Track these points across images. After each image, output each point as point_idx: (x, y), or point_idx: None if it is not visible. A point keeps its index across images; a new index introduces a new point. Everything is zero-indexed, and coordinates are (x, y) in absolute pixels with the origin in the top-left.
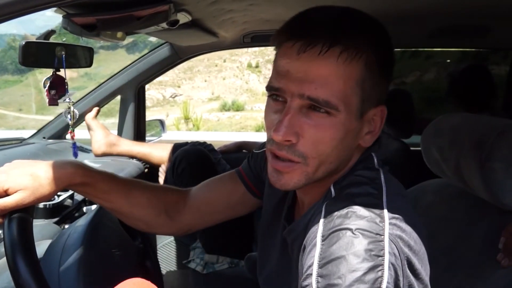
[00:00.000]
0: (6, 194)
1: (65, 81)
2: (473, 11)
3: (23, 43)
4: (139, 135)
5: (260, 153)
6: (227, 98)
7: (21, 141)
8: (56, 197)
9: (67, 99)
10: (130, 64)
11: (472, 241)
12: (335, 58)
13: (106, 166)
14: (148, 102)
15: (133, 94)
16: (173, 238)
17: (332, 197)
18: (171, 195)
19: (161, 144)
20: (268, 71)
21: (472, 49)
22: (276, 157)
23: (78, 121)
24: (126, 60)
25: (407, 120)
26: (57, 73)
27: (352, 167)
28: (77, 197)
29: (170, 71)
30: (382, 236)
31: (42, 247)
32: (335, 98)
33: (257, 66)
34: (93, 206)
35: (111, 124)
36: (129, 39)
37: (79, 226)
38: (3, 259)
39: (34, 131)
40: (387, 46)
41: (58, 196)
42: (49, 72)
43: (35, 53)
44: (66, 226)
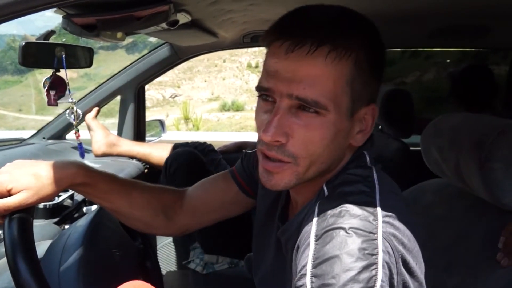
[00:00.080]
0: (9, 194)
1: (66, 82)
2: (473, 11)
3: (23, 44)
4: (139, 136)
5: (253, 153)
6: (227, 98)
7: (21, 142)
8: (56, 198)
9: (70, 99)
10: (130, 65)
11: (472, 241)
12: (324, 58)
13: (106, 167)
14: (148, 103)
15: (133, 95)
16: (173, 239)
17: (325, 196)
18: (168, 196)
19: (161, 144)
20: None
21: (472, 49)
22: (267, 158)
23: (79, 122)
24: (126, 61)
25: (407, 120)
26: (57, 74)
27: (345, 166)
28: (77, 198)
29: (170, 72)
30: (376, 235)
31: (42, 247)
32: (324, 98)
33: (257, 66)
34: (93, 207)
35: (111, 125)
36: (129, 40)
37: (80, 226)
38: (4, 259)
39: (34, 132)
40: (378, 45)
41: (58, 197)
42: (49, 73)
43: (35, 54)
44: (66, 227)
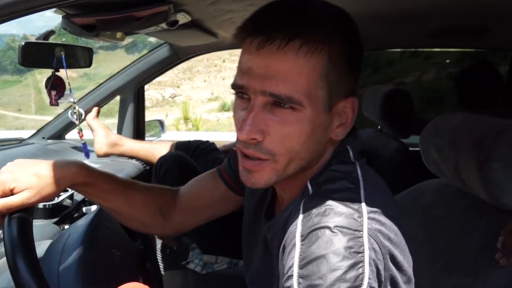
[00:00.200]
0: (11, 194)
1: (67, 81)
2: (473, 11)
3: (23, 44)
4: (139, 136)
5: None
6: (227, 98)
7: (21, 141)
8: (56, 198)
9: (71, 99)
10: (130, 65)
11: (471, 241)
12: (295, 52)
13: (106, 167)
14: (148, 103)
15: (133, 95)
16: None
17: (310, 195)
18: (165, 195)
19: (163, 143)
20: None
21: (472, 49)
22: (245, 156)
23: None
24: (125, 61)
25: (407, 120)
26: (56, 74)
27: (328, 162)
28: (77, 198)
29: (170, 72)
30: (361, 232)
31: (42, 247)
32: (298, 93)
33: None
34: (93, 207)
35: (111, 125)
36: (129, 40)
37: (79, 226)
38: (3, 259)
39: (34, 132)
40: (353, 37)
41: (58, 197)
42: (49, 73)
43: (35, 54)
44: (66, 227)
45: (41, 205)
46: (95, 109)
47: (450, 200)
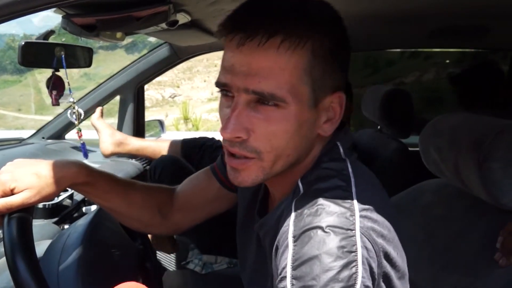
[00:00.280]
0: (11, 193)
1: (66, 82)
2: (473, 11)
3: (23, 43)
4: (139, 136)
5: None
6: None
7: (20, 141)
8: (56, 197)
9: (71, 99)
10: (129, 64)
11: (471, 241)
12: (276, 49)
13: (105, 167)
14: (147, 103)
15: (132, 94)
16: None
17: (301, 194)
18: (163, 194)
19: (170, 141)
20: None
21: (472, 49)
22: (231, 155)
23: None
24: (125, 60)
25: (407, 120)
26: (56, 73)
27: (318, 159)
28: (76, 197)
29: (169, 71)
30: (354, 231)
31: (42, 247)
32: (281, 90)
33: None
34: (92, 207)
35: (110, 124)
36: (128, 39)
37: (79, 226)
38: (3, 259)
39: (33, 131)
40: (337, 30)
41: (58, 196)
42: (49, 72)
43: (35, 53)
44: (66, 227)
45: (41, 205)
46: (99, 109)
47: (450, 200)
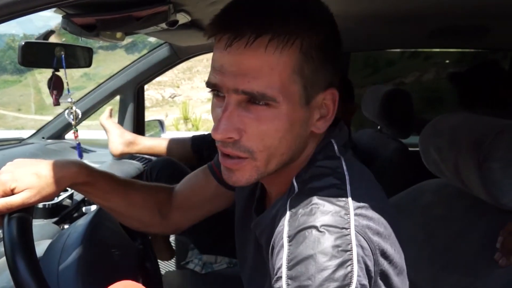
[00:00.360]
0: (12, 193)
1: (65, 82)
2: (473, 11)
3: (23, 43)
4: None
5: None
6: None
7: (20, 141)
8: (56, 197)
9: (69, 99)
10: (129, 64)
11: (471, 241)
12: (264, 48)
13: (105, 166)
14: (147, 103)
15: (132, 95)
16: (172, 239)
17: (296, 193)
18: (162, 194)
19: (180, 139)
20: None
21: (472, 49)
22: (225, 155)
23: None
24: (125, 61)
25: (407, 120)
26: (56, 73)
27: (312, 157)
28: (76, 197)
29: (169, 72)
30: (348, 230)
31: (42, 247)
32: (271, 89)
33: None
34: (92, 207)
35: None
36: (128, 39)
37: (79, 226)
38: (3, 259)
39: (33, 131)
40: (327, 27)
41: (58, 196)
42: (48, 72)
43: (35, 53)
44: (66, 226)
45: (41, 205)
46: (109, 109)
47: (450, 200)
